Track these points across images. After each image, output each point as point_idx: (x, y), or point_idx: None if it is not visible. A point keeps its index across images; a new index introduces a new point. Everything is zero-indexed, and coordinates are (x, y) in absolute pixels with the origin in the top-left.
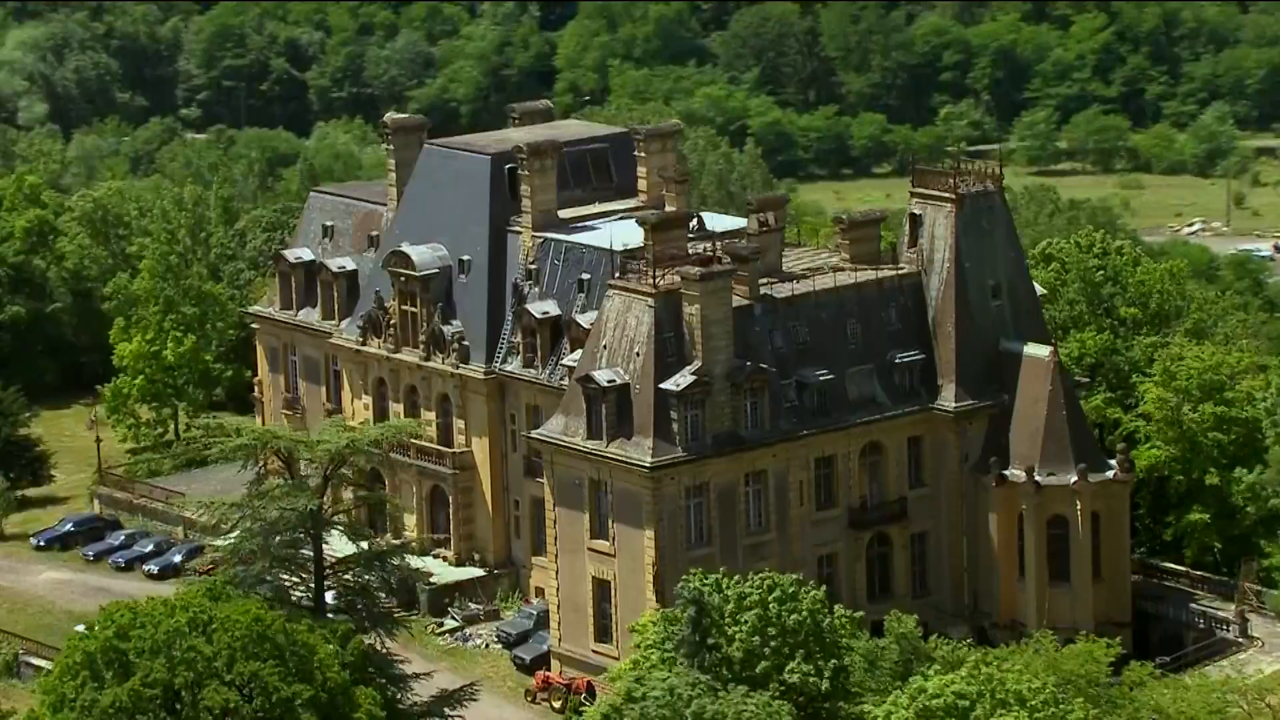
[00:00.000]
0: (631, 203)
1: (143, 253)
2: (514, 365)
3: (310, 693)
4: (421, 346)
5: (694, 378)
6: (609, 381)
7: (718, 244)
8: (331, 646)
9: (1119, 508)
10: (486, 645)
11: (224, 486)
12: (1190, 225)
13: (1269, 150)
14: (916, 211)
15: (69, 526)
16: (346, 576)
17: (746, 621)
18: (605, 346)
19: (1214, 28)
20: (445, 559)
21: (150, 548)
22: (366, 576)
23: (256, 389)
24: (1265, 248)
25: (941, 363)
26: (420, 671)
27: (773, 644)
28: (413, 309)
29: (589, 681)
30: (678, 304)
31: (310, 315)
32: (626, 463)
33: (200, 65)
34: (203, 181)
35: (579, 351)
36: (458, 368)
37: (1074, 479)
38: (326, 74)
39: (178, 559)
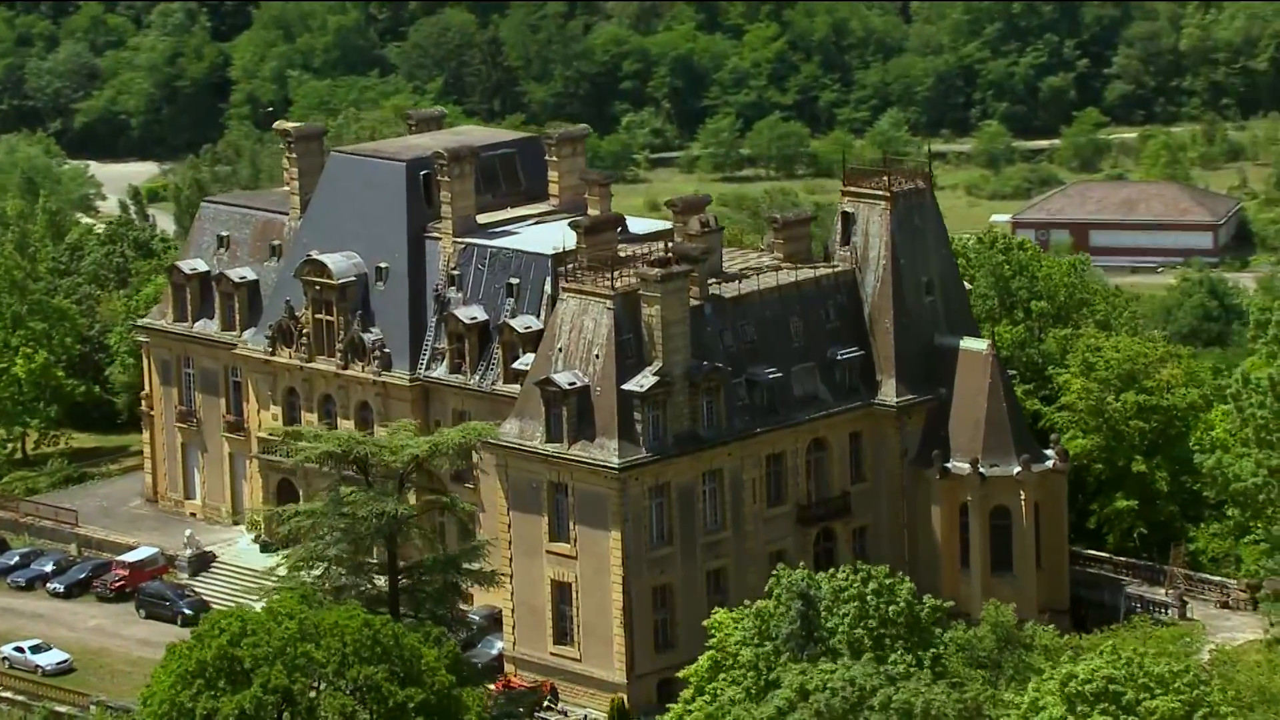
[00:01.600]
0: (543, 206)
1: None
2: (439, 371)
3: (422, 696)
4: (339, 355)
5: (656, 378)
6: (569, 384)
7: (669, 245)
8: (435, 650)
9: (1058, 497)
10: None
11: (109, 503)
12: None
13: (940, 155)
14: (849, 210)
15: None
16: (424, 579)
17: (847, 614)
18: (561, 349)
19: (881, 37)
20: None
21: (51, 566)
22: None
23: (145, 403)
24: None
25: (880, 359)
26: None
27: (874, 635)
28: (328, 317)
29: (552, 684)
30: (636, 305)
31: (208, 326)
32: (591, 464)
33: None
34: None
35: (530, 355)
36: (380, 375)
37: (1017, 470)
38: None
39: (83, 576)
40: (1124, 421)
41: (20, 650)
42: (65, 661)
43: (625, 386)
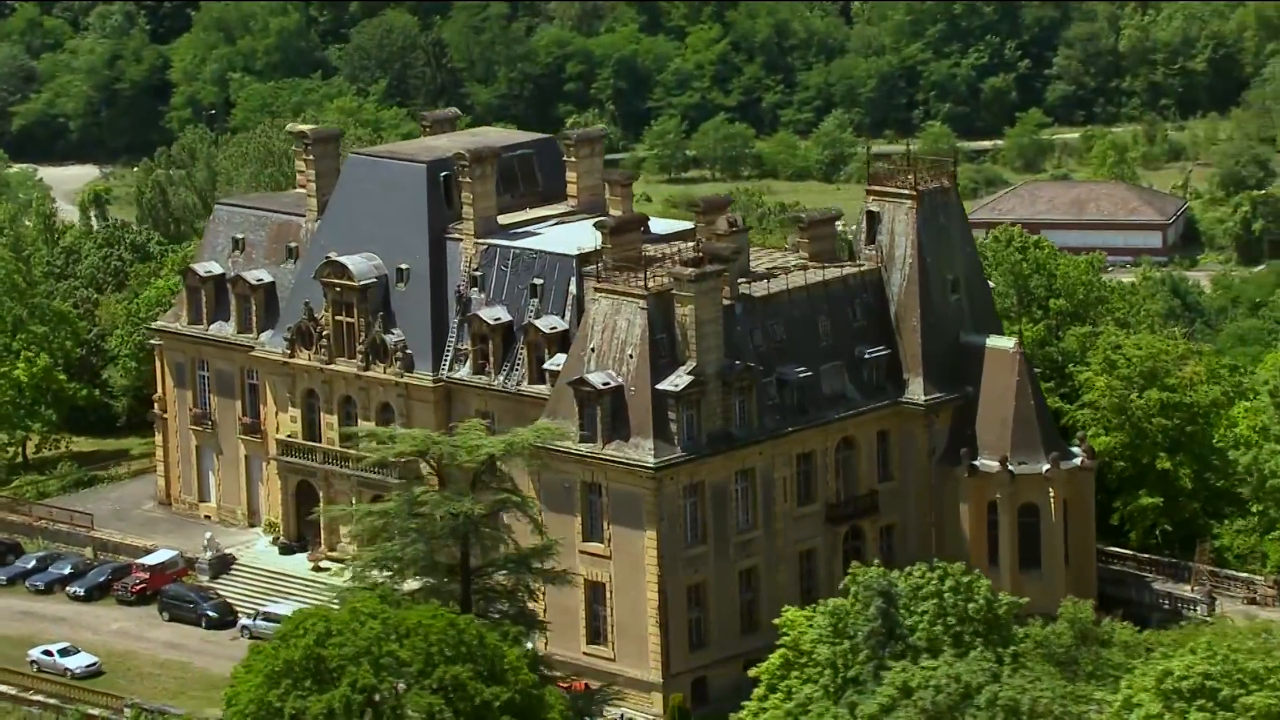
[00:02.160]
0: (562, 207)
1: None
2: (463, 372)
3: (507, 694)
4: (360, 356)
5: (691, 378)
6: (604, 384)
7: (700, 245)
8: (516, 649)
9: (1085, 494)
10: None
11: (121, 506)
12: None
13: (884, 155)
14: (874, 209)
15: None
16: (498, 578)
17: (925, 611)
18: (594, 349)
19: (823, 38)
20: None
21: (69, 569)
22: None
23: (158, 406)
24: None
25: (907, 357)
26: None
27: (952, 632)
28: (348, 319)
29: (585, 684)
30: (669, 305)
31: (223, 329)
32: (626, 464)
33: None
34: None
35: (560, 356)
36: (402, 376)
37: (1046, 467)
38: None
39: (102, 579)
40: (1146, 419)
41: (49, 653)
42: (94, 664)
43: (660, 386)
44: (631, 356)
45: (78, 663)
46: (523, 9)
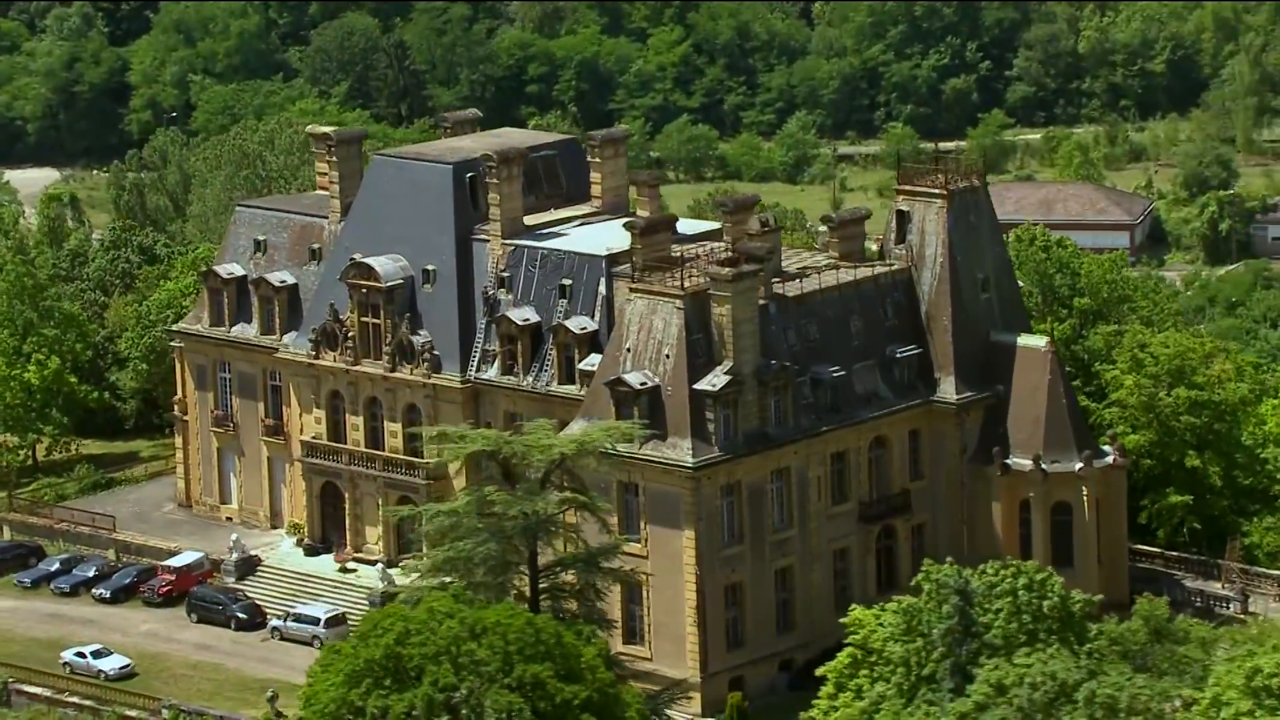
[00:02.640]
0: (586, 208)
1: None
2: (491, 373)
3: (586, 693)
4: (386, 357)
5: (728, 378)
6: (641, 384)
7: (735, 245)
8: (592, 647)
9: (1118, 492)
10: None
11: (141, 508)
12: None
13: (847, 157)
14: (903, 208)
15: None
16: (566, 577)
17: (1000, 609)
18: (629, 350)
19: (785, 40)
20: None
21: (93, 572)
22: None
23: (178, 408)
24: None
25: (938, 356)
26: None
27: (1027, 630)
28: (374, 320)
29: None
30: (705, 305)
31: (246, 330)
32: (664, 464)
33: None
34: None
35: (595, 357)
36: (429, 377)
37: (1079, 466)
38: None
39: (128, 581)
40: (1175, 417)
41: (81, 655)
42: (127, 666)
43: (697, 386)
44: (668, 356)
45: (111, 664)
46: (484, 11)
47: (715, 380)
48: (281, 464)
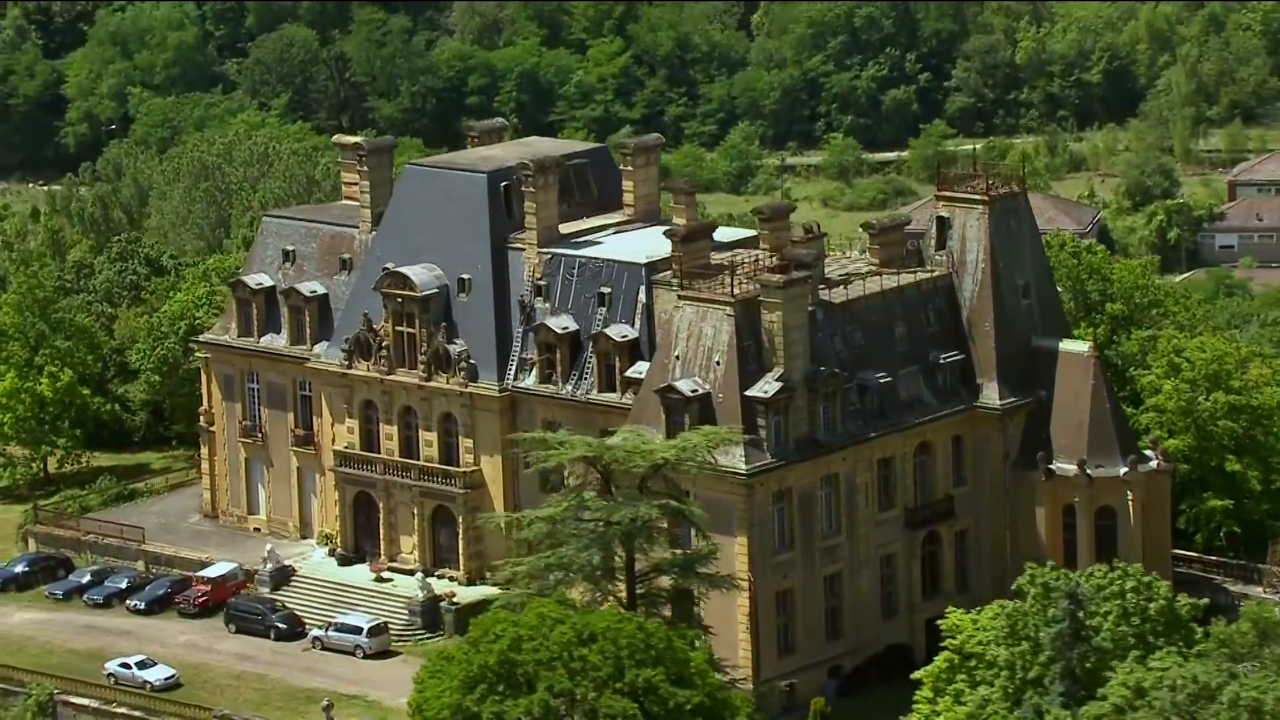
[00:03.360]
0: (618, 216)
1: None
2: (528, 381)
3: (697, 698)
4: (422, 367)
5: (780, 384)
6: (692, 391)
7: (783, 251)
8: (700, 652)
9: (1162, 497)
10: None
11: (167, 519)
12: None
13: (790, 168)
14: (944, 214)
15: (22, 566)
16: (659, 583)
17: (1109, 612)
18: (678, 357)
19: (725, 51)
20: (453, 579)
21: (125, 583)
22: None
23: (204, 418)
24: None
25: (980, 362)
26: None
27: (1137, 632)
28: (409, 329)
29: None
30: (754, 312)
31: (275, 340)
32: (717, 470)
33: None
34: None
35: (643, 364)
36: (466, 386)
37: (1124, 470)
38: None
39: (162, 593)
40: (1213, 421)
41: (126, 666)
42: (172, 677)
43: (749, 393)
44: (719, 363)
45: (156, 675)
46: (423, 22)
47: (767, 387)
48: (311, 474)
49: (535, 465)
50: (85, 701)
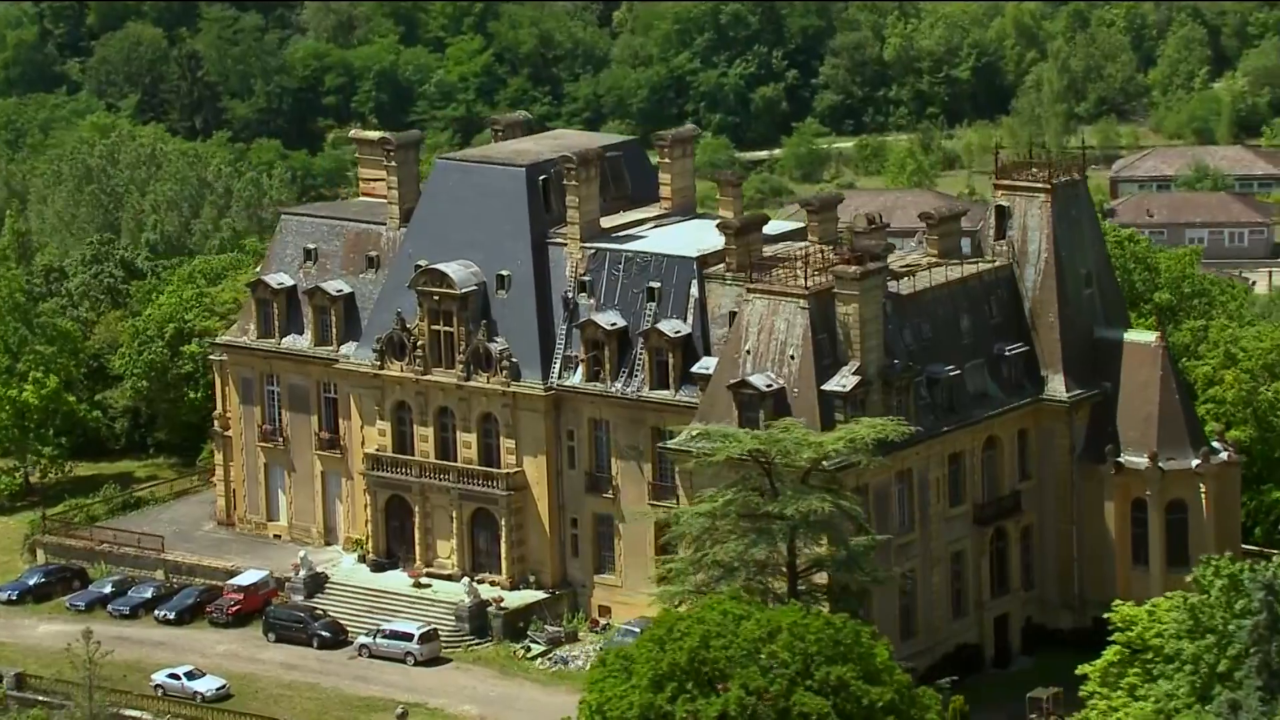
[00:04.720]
0: (655, 209)
1: None
2: (574, 379)
3: (889, 695)
4: (460, 366)
5: (857, 378)
6: (767, 386)
7: (851, 242)
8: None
9: (1232, 489)
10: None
11: (180, 527)
12: None
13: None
14: (1003, 204)
15: (37, 578)
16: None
17: None
18: (749, 351)
19: (589, 48)
20: (495, 583)
21: (150, 593)
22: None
23: (219, 423)
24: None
25: (1044, 353)
26: None
27: None
28: (446, 328)
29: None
30: (827, 305)
31: (297, 342)
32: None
33: None
34: None
35: (709, 360)
36: (509, 385)
37: (1196, 462)
38: None
39: (191, 602)
40: (1273, 412)
41: (175, 677)
42: (223, 687)
43: (825, 387)
44: (793, 358)
45: (207, 686)
46: (274, 20)
47: (844, 381)
48: (337, 478)
49: (698, 462)
50: (136, 713)
